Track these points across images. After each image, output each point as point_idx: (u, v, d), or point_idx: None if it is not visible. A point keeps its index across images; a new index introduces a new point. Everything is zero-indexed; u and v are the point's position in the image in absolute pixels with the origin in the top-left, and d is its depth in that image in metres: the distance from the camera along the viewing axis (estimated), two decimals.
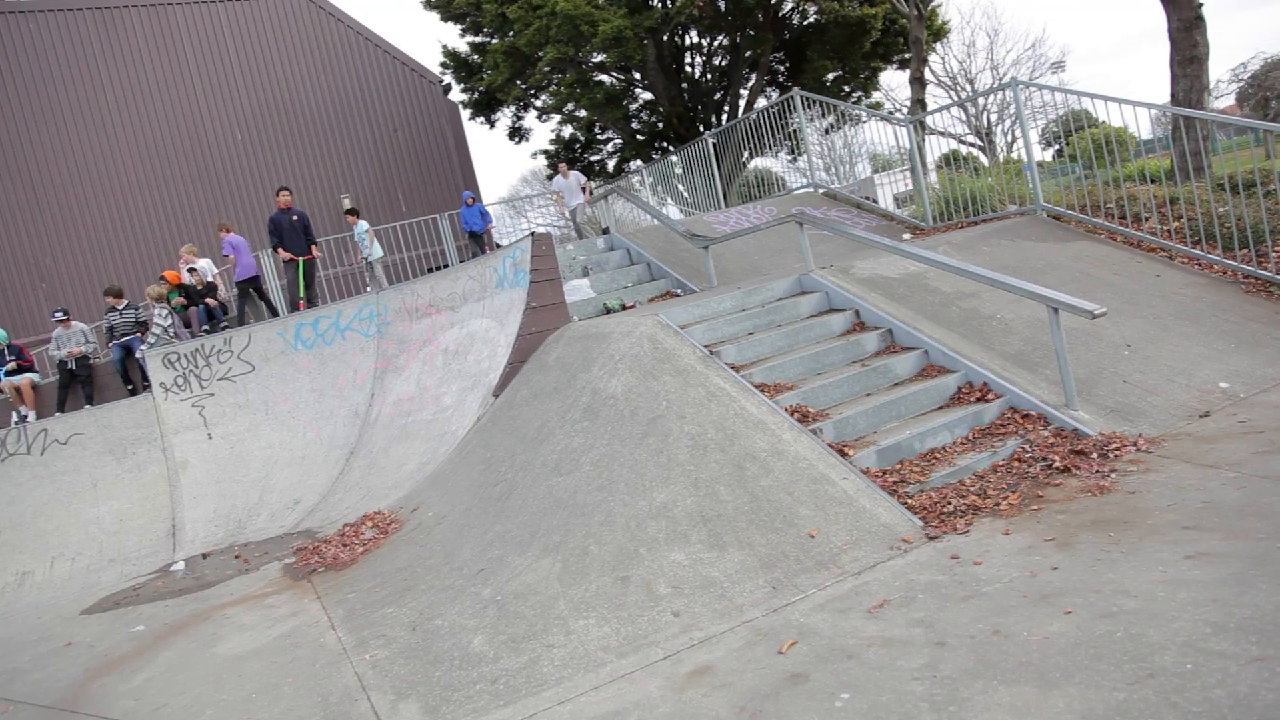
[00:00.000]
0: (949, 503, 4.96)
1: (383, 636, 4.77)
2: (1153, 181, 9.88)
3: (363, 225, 13.83)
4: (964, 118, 39.62)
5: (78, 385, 10.40)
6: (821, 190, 13.44)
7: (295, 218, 11.85)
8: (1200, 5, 10.25)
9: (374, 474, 8.07)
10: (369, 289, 13.46)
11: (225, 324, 11.48)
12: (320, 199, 21.11)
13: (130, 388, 10.34)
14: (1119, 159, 10.94)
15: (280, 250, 11.77)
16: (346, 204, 19.96)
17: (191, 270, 12.00)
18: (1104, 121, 10.62)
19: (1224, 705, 2.72)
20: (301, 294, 11.73)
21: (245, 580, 6.47)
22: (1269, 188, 8.47)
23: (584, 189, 14.30)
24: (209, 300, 11.68)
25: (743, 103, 24.10)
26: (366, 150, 22.01)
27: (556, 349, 7.30)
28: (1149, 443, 5.39)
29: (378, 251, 13.84)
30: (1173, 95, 10.60)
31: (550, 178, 9.65)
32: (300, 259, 11.77)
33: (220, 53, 20.70)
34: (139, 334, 10.71)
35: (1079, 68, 74.08)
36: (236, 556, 7.13)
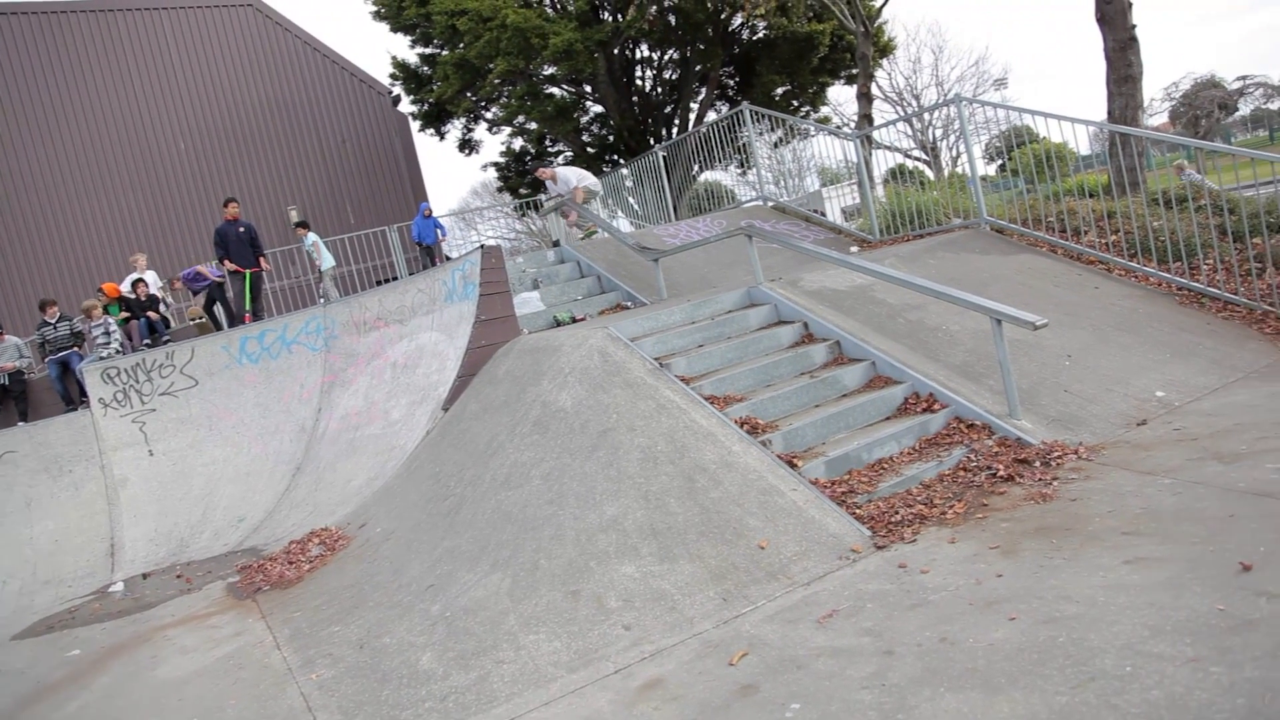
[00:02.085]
0: (896, 512, 5.02)
1: (329, 656, 4.69)
2: (1091, 196, 10.13)
3: (311, 237, 13.66)
4: (910, 132, 40.32)
5: (11, 401, 10.11)
6: (771, 203, 13.57)
7: (242, 229, 11.67)
8: (1134, 27, 10.57)
9: (321, 490, 7.95)
10: (320, 300, 13.29)
11: (167, 338, 11.25)
12: (267, 210, 20.82)
13: (70, 405, 10.06)
14: (1059, 174, 11.22)
15: (226, 262, 11.58)
16: (295, 216, 19.69)
17: (137, 282, 11.76)
18: (1045, 137, 10.88)
19: (1161, 706, 2.79)
20: (248, 307, 11.55)
21: (187, 600, 6.33)
22: (1200, 202, 8.74)
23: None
24: (151, 314, 11.44)
25: (693, 116, 24.26)
26: (315, 161, 21.77)
27: (506, 362, 7.27)
28: (1089, 451, 5.51)
29: (329, 261, 13.68)
30: (1109, 113, 10.89)
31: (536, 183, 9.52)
32: (247, 271, 11.59)
33: (164, 61, 20.34)
34: (76, 348, 10.43)
35: (1021, 85, 75.77)
36: (178, 576, 6.97)
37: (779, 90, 24.15)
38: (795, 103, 25.07)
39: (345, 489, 7.69)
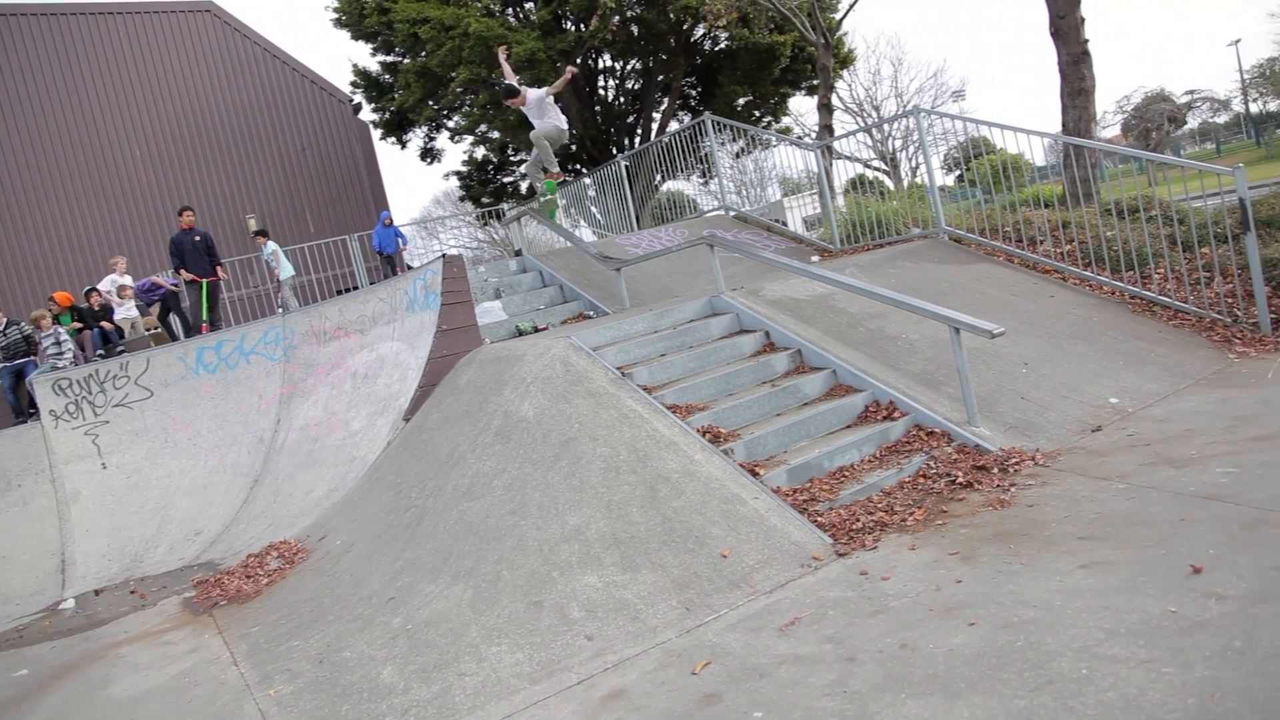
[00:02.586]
0: (858, 520, 5.06)
1: (288, 671, 4.62)
2: (1047, 206, 10.30)
3: (270, 246, 13.52)
4: (870, 143, 40.77)
5: None
6: (733, 213, 13.64)
7: (198, 238, 11.53)
8: (1086, 41, 10.79)
9: (280, 502, 7.84)
10: (279, 310, 13.14)
11: (121, 348, 11.05)
12: (225, 218, 20.55)
13: (20, 418, 9.82)
14: (1016, 184, 11.41)
15: (183, 272, 11.42)
16: (253, 225, 19.48)
17: (89, 291, 11.56)
18: (1002, 148, 11.06)
19: (1116, 707, 2.84)
20: (205, 316, 11.40)
21: (141, 616, 6.20)
22: (1151, 213, 8.93)
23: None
24: (104, 324, 11.24)
25: (655, 126, 24.35)
26: (274, 169, 21.54)
27: (468, 372, 7.23)
28: (1046, 457, 5.60)
29: (288, 270, 13.54)
30: (1063, 125, 11.11)
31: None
32: (204, 281, 11.44)
33: (120, 66, 20.02)
34: (32, 356, 10.20)
35: (978, 96, 77.08)
36: (132, 592, 6.83)
37: (741, 101, 24.34)
38: (757, 113, 25.27)
39: (305, 501, 7.59)
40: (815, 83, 19.58)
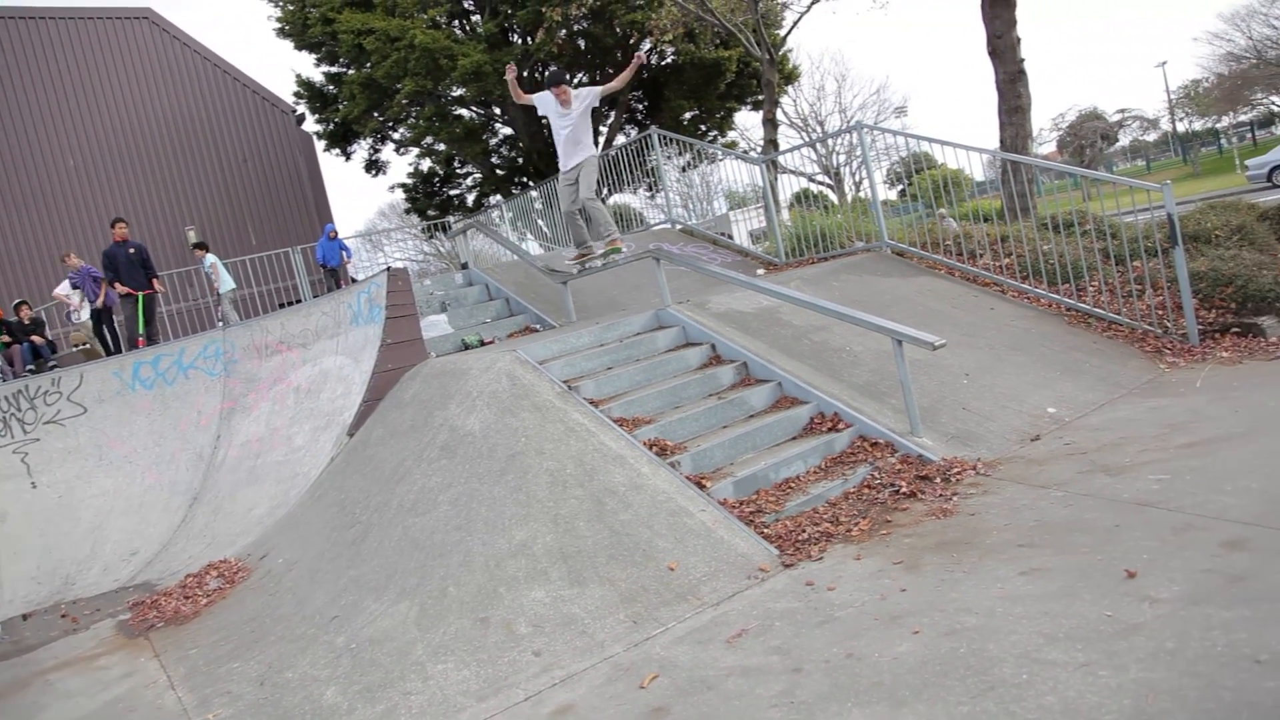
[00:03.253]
0: (804, 530, 5.10)
1: (228, 694, 4.51)
2: (986, 220, 10.53)
3: (210, 259, 13.28)
4: (815, 157, 41.34)
5: None
6: (679, 226, 13.71)
7: (132, 250, 11.26)
8: (1022, 61, 11.09)
9: (220, 520, 7.66)
10: (219, 324, 12.88)
11: (53, 363, 10.74)
12: (163, 230, 20.12)
13: None
14: (956, 199, 11.65)
15: (117, 285, 11.15)
16: (193, 236, 19.08)
17: (21, 305, 11.23)
18: (943, 164, 11.29)
19: (1056, 710, 2.89)
20: (141, 331, 11.13)
21: (73, 641, 6.00)
22: (1085, 227, 9.17)
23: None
24: (35, 338, 10.92)
25: (602, 139, 24.42)
26: (214, 180, 21.15)
27: (413, 386, 7.15)
28: (987, 466, 5.70)
29: (228, 283, 13.30)
30: (1001, 141, 11.38)
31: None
32: (140, 294, 11.18)
33: (53, 72, 19.50)
34: None
35: (920, 112, 78.65)
36: (63, 615, 6.61)
37: (687, 115, 24.53)
38: (703, 127, 25.48)
39: (246, 519, 7.43)
40: (760, 98, 19.79)
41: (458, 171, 26.63)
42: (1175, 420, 5.88)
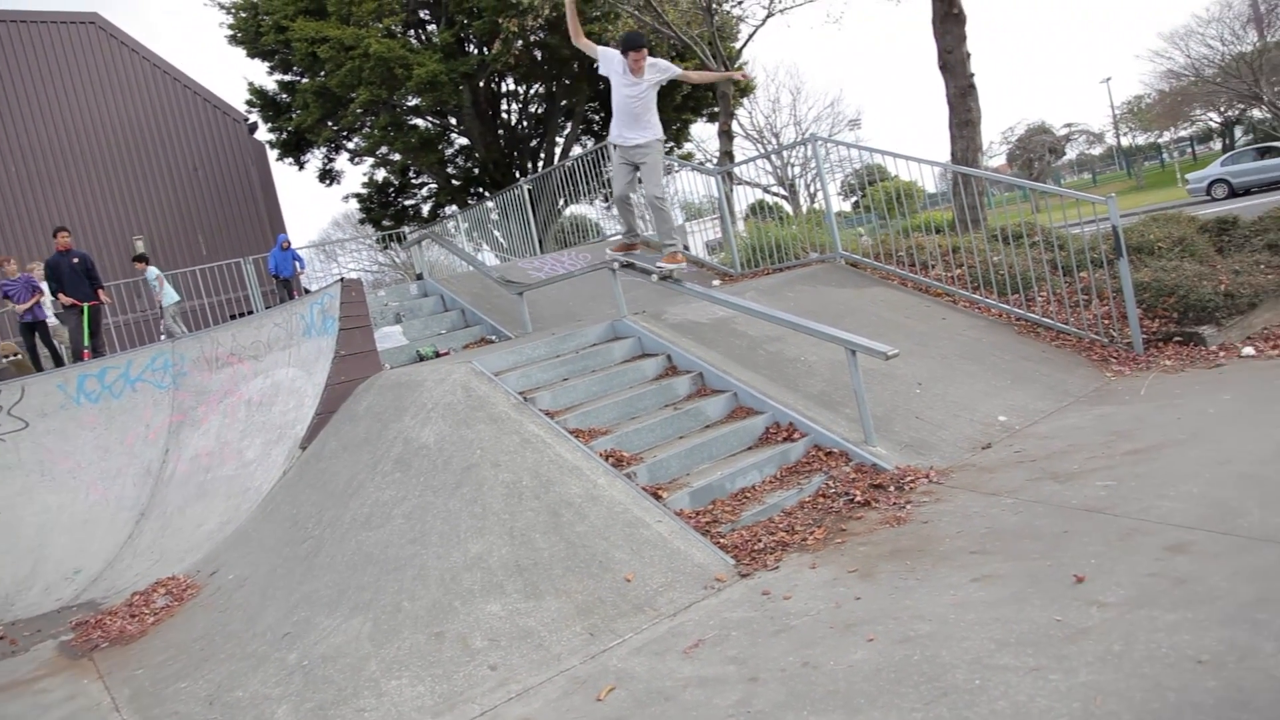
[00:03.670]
0: (759, 540, 5.12)
1: (175, 714, 4.41)
2: (937, 232, 10.69)
3: (153, 271, 13.05)
4: (770, 169, 41.69)
5: None
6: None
7: (76, 260, 11.01)
8: (972, 75, 11.29)
9: (168, 536, 7.50)
10: (162, 337, 12.64)
11: None
12: (111, 240, 19.70)
13: None
14: (909, 210, 11.81)
15: (61, 296, 10.89)
16: (140, 246, 18.73)
17: None
18: (896, 176, 11.45)
19: (1007, 715, 2.93)
20: (86, 343, 10.89)
21: (11, 664, 5.83)
22: (1034, 239, 9.35)
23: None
24: None
25: (559, 150, 24.42)
26: (164, 189, 20.75)
27: (367, 398, 7.08)
28: (939, 474, 5.77)
29: (172, 296, 13.06)
30: (952, 154, 11.57)
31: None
32: (85, 305, 10.94)
33: None
34: None
35: (873, 125, 79.81)
36: (2, 638, 6.43)
37: None
38: None
39: (195, 534, 7.28)
40: (716, 110, 19.96)
41: (413, 181, 26.46)
42: (1121, 428, 6.01)
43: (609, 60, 7.20)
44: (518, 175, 22.78)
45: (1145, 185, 43.62)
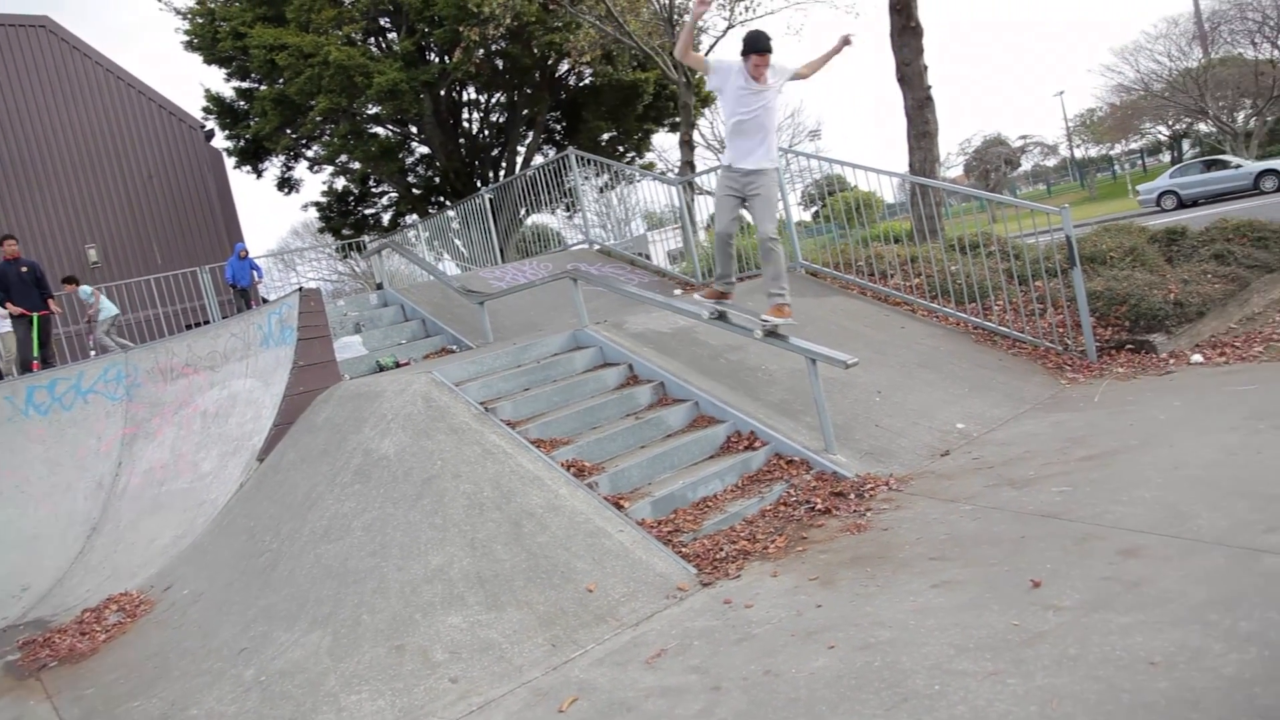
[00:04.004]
0: (721, 549, 5.13)
1: None
2: (896, 241, 10.80)
3: (86, 289, 12.84)
4: None
5: None
6: (597, 247, 13.75)
7: (25, 269, 10.78)
8: (929, 87, 11.45)
9: (121, 551, 7.35)
10: (93, 353, 12.41)
11: None
12: (62, 249, 19.28)
13: None
14: (868, 221, 11.93)
15: (9, 305, 10.66)
16: (93, 255, 18.40)
17: None
18: (855, 186, 11.56)
19: (966, 719, 2.97)
20: (35, 354, 10.65)
21: None
22: (990, 249, 9.50)
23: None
24: None
25: (520, 159, 24.38)
26: (117, 197, 20.35)
27: (326, 409, 7.00)
28: (899, 482, 5.83)
29: (110, 310, 12.84)
30: (910, 165, 11.72)
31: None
32: (34, 315, 10.71)
33: None
34: None
35: (833, 136, 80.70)
36: None
37: (605, 136, 24.65)
38: (621, 148, 25.64)
39: (149, 549, 7.14)
40: (678, 120, 20.04)
41: (373, 190, 26.26)
42: (1076, 434, 6.11)
43: (724, 72, 6.29)
44: (479, 184, 22.69)
45: (1098, 196, 44.56)
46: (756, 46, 6.03)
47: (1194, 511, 4.27)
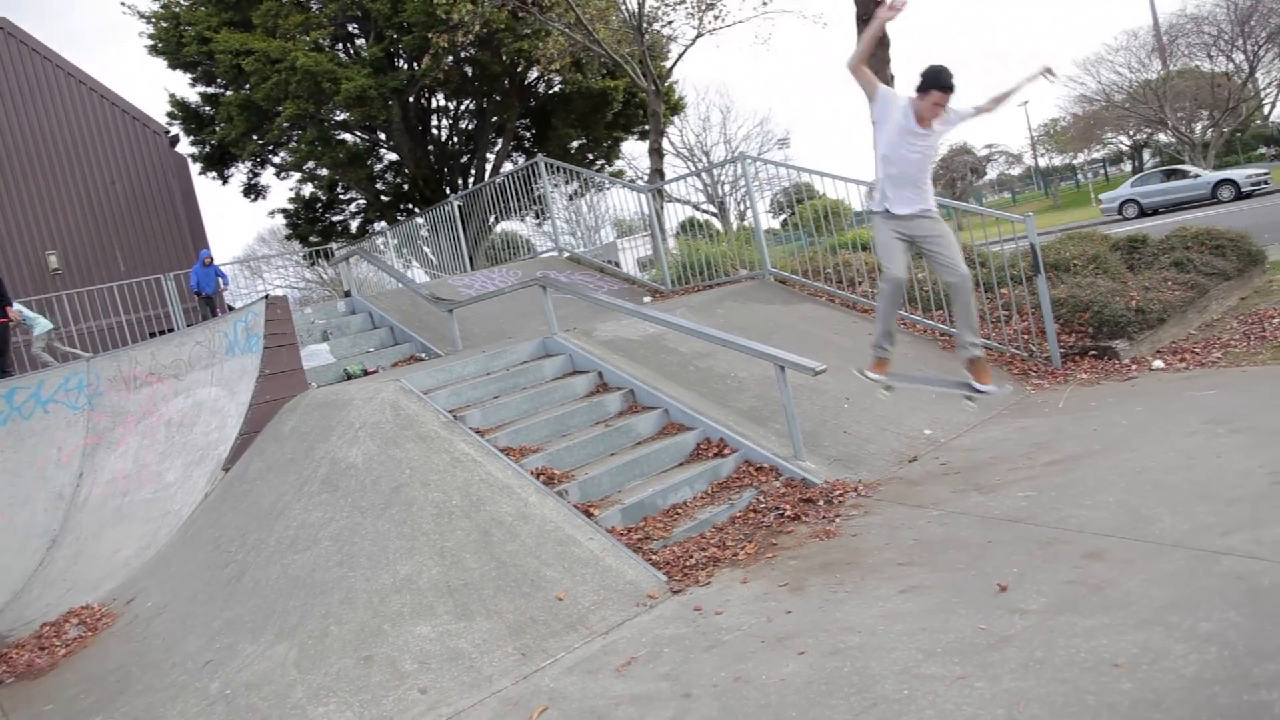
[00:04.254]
0: (691, 556, 5.14)
1: None
2: (864, 249, 10.87)
3: (16, 306, 12.68)
4: (700, 186, 42.11)
5: None
6: (566, 254, 13.74)
7: None
8: None
9: (82, 563, 7.22)
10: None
11: None
12: (21, 255, 18.90)
13: None
14: (836, 228, 12.02)
15: None
16: (54, 262, 18.08)
17: None
18: (823, 194, 11.63)
19: None
20: None
21: None
22: None
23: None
24: None
25: (489, 166, 24.32)
26: (78, 203, 19.97)
27: (293, 418, 6.93)
28: (867, 488, 5.87)
29: (44, 325, 12.64)
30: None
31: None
32: None
33: None
34: None
35: (802, 144, 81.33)
36: None
37: (575, 143, 24.66)
38: (591, 156, 25.66)
39: (111, 561, 7.03)
40: (647, 127, 20.07)
41: (341, 197, 26.06)
42: (1041, 439, 6.19)
43: (889, 104, 5.60)
44: (448, 191, 22.60)
45: (1061, 204, 45.25)
46: (939, 81, 5.31)
47: (1156, 515, 4.33)
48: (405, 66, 21.50)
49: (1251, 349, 7.67)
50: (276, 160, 24.15)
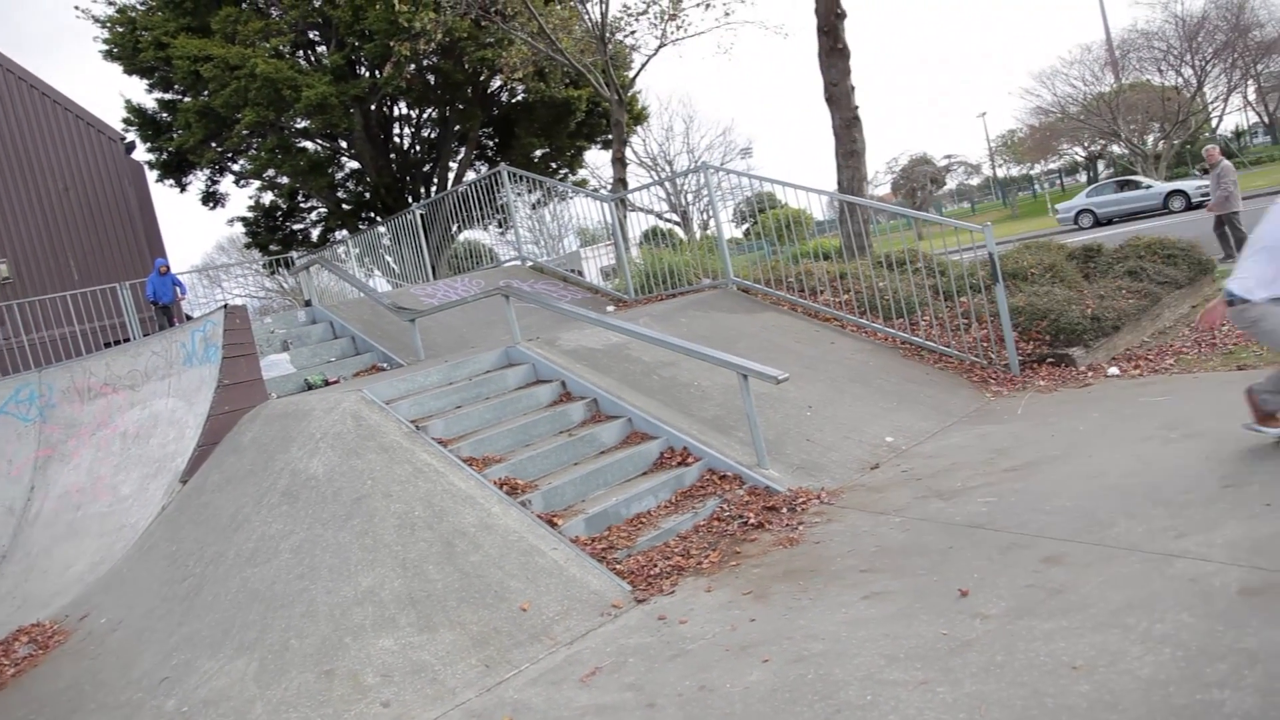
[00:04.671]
0: (655, 565, 5.14)
1: None
2: (826, 258, 10.98)
3: None
4: (664, 196, 42.26)
5: None
6: (530, 263, 13.70)
7: None
8: (857, 107, 11.68)
9: (33, 580, 7.06)
10: None
11: None
12: None
13: None
14: (798, 238, 12.11)
15: None
16: (4, 270, 17.69)
17: None
18: (785, 204, 11.72)
19: None
20: None
21: None
22: (917, 265, 9.71)
23: None
24: None
25: (452, 175, 24.20)
26: (29, 210, 19.55)
27: (252, 429, 6.83)
28: (830, 495, 5.91)
29: None
30: (838, 183, 11.92)
31: None
32: None
33: None
34: None
35: (764, 155, 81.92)
36: None
37: (538, 152, 24.61)
38: (554, 165, 25.62)
39: (64, 577, 6.87)
40: (610, 137, 20.09)
41: (301, 205, 25.78)
42: (1000, 446, 6.27)
43: None
44: (410, 200, 22.42)
45: (1019, 214, 45.98)
46: None
47: (1112, 519, 4.41)
48: (367, 74, 21.36)
49: (1202, 355, 7.84)
50: (236, 168, 23.86)
